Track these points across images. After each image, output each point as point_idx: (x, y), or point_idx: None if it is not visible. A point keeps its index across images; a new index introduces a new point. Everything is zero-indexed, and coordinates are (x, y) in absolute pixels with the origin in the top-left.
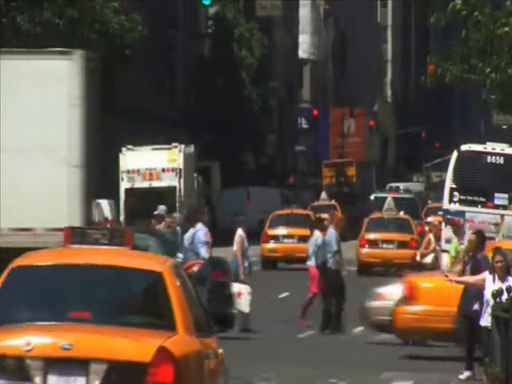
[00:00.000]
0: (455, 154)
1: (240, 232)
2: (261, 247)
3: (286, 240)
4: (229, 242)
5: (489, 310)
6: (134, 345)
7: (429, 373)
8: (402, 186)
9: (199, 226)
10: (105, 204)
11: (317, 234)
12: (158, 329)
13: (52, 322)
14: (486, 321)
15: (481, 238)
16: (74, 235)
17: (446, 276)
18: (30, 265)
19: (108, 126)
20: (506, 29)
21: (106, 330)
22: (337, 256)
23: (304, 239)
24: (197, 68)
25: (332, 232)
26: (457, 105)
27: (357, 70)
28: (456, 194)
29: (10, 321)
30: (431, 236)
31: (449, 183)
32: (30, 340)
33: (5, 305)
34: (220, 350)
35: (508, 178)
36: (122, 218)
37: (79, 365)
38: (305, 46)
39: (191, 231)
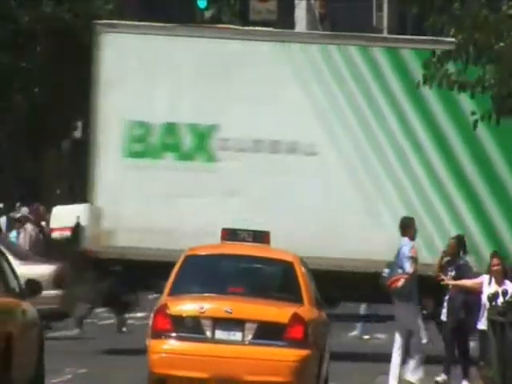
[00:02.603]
0: None
1: None
2: None
3: None
4: None
5: (486, 313)
6: (275, 310)
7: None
8: None
9: (405, 240)
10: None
11: None
12: (291, 301)
13: (217, 294)
14: (482, 324)
15: (461, 242)
16: (228, 234)
17: (442, 279)
18: (198, 254)
19: None
20: (502, 44)
21: (256, 300)
22: None
23: None
24: None
25: None
26: None
27: None
28: None
29: (188, 292)
30: None
31: None
32: (203, 305)
33: (183, 281)
34: (327, 319)
35: None
36: None
37: (237, 323)
38: None
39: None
